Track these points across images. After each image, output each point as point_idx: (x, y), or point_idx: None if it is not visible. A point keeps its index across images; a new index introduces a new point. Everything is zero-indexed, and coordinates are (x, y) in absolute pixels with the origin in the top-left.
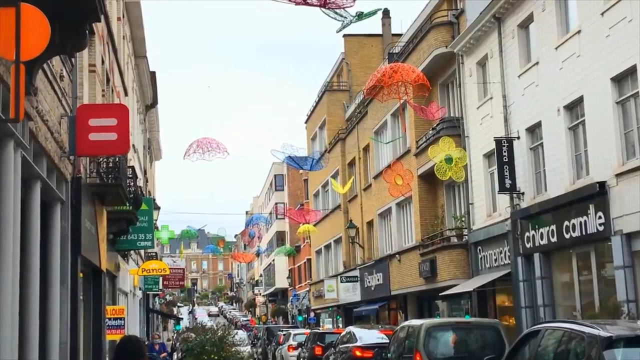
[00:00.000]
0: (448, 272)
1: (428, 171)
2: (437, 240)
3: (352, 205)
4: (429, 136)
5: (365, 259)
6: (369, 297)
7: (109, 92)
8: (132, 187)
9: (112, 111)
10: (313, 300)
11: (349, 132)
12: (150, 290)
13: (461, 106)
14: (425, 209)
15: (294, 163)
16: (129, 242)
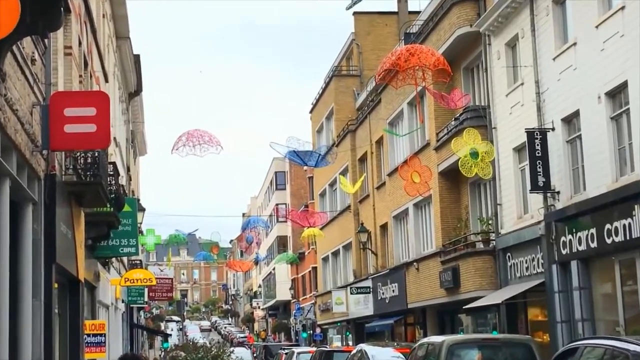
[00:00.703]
0: (473, 282)
1: (450, 167)
2: (460, 246)
3: (364, 206)
4: (451, 128)
5: (379, 267)
6: (382, 311)
7: (87, 78)
8: (114, 186)
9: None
10: (319, 315)
11: (360, 123)
12: (134, 303)
13: (488, 93)
14: (447, 211)
15: (297, 158)
16: (110, 249)
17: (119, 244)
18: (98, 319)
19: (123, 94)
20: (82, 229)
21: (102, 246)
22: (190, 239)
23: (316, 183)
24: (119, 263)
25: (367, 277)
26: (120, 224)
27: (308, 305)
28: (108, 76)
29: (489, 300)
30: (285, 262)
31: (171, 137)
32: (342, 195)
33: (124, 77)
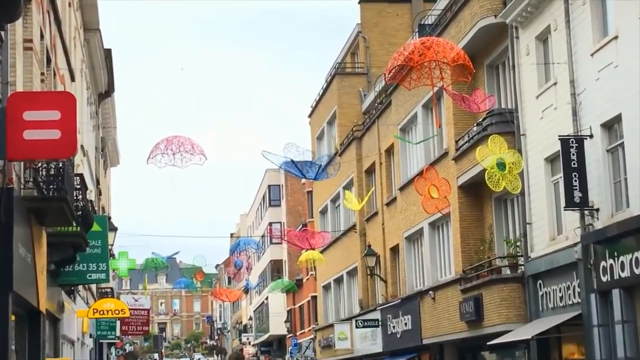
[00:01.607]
0: (498, 314)
1: (471, 180)
2: (483, 272)
3: (371, 225)
4: (473, 134)
5: (389, 296)
6: (393, 347)
7: (50, 77)
8: (81, 202)
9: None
10: (320, 352)
11: (367, 128)
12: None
13: (515, 95)
14: (468, 231)
15: (294, 169)
16: (77, 275)
17: (87, 269)
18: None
19: (92, 95)
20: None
21: (67, 272)
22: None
23: (316, 198)
24: (87, 291)
25: (375, 308)
26: (88, 245)
27: (306, 341)
28: (75, 74)
29: (517, 335)
30: (280, 290)
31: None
32: (347, 213)
33: (93, 76)
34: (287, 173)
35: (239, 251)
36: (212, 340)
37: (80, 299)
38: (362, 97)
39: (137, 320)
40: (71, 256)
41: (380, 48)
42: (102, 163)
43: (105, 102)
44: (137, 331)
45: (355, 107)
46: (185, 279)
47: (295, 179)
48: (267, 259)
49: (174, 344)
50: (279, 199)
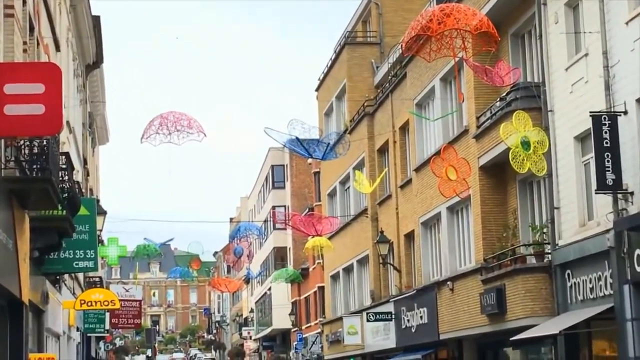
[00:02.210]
0: (523, 306)
1: (494, 161)
2: (506, 261)
3: (384, 209)
4: (496, 110)
5: (403, 287)
6: (408, 343)
7: (34, 46)
8: (67, 183)
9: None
10: (327, 347)
11: (380, 103)
12: (92, 332)
13: (542, 67)
14: (490, 216)
15: (300, 148)
16: (62, 262)
17: (74, 256)
18: (46, 352)
19: (79, 67)
20: (27, 238)
21: (51, 259)
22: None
23: (323, 180)
24: (73, 281)
25: (388, 299)
26: (74, 231)
27: (313, 335)
28: (60, 44)
29: (543, 330)
30: (284, 280)
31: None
32: (357, 196)
33: (80, 45)
34: (292, 152)
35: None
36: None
37: (66, 289)
38: (374, 69)
39: (128, 312)
40: (56, 242)
41: (395, 15)
42: (90, 141)
43: (93, 74)
44: (128, 324)
45: (366, 80)
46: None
47: (300, 158)
48: (270, 246)
49: (168, 339)
50: (283, 181)
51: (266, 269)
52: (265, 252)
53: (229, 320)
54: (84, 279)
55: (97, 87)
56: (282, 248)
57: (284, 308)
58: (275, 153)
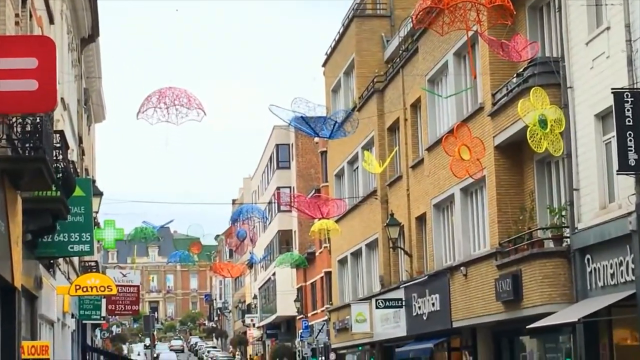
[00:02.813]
0: (540, 293)
1: (510, 140)
2: (523, 246)
3: (394, 191)
4: (512, 87)
5: (414, 272)
6: (419, 331)
7: (26, 18)
8: (61, 163)
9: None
10: (334, 335)
11: (390, 79)
12: (88, 319)
13: (561, 41)
14: (506, 198)
15: (306, 127)
16: (57, 246)
17: (68, 239)
18: (40, 340)
19: (74, 40)
20: (19, 220)
21: (45, 243)
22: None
23: (331, 160)
24: (68, 265)
25: (399, 285)
26: (69, 213)
27: (319, 323)
28: (54, 16)
29: (561, 317)
30: (289, 265)
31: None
32: (366, 177)
33: (75, 18)
34: (297, 131)
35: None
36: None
37: (60, 274)
38: (384, 43)
39: (125, 298)
40: (50, 225)
41: None
42: (86, 118)
43: (88, 48)
44: (125, 311)
45: (376, 54)
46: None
47: (306, 137)
48: (275, 229)
49: (168, 326)
50: (288, 161)
51: (270, 253)
52: (269, 236)
53: (231, 307)
54: (79, 263)
55: (93, 62)
56: (287, 231)
57: (288, 294)
58: (280, 132)
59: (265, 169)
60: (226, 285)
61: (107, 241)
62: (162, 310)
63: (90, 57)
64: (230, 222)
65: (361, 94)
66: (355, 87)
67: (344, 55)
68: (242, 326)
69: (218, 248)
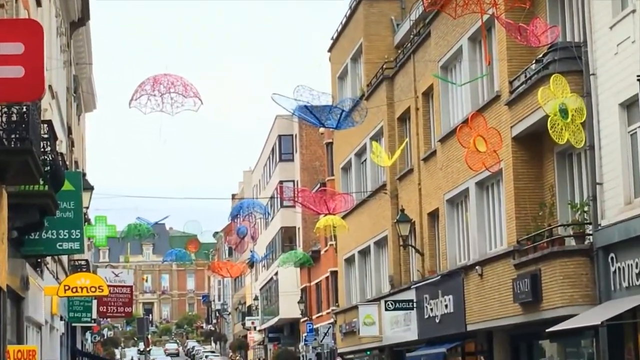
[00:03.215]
0: (561, 294)
1: (529, 130)
2: (542, 243)
3: (405, 185)
4: (531, 73)
5: (426, 272)
6: (431, 335)
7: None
8: (49, 155)
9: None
10: (341, 339)
11: (401, 66)
12: (77, 322)
13: (584, 25)
14: (524, 192)
15: (311, 116)
16: (44, 244)
17: (57, 237)
18: (27, 344)
19: (62, 24)
20: (5, 216)
21: (32, 240)
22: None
23: (337, 152)
24: (57, 264)
25: (410, 286)
26: (58, 208)
27: (324, 326)
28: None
29: (583, 320)
30: (293, 264)
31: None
32: (375, 170)
33: (64, 0)
34: (301, 121)
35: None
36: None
37: (48, 274)
38: (394, 27)
39: (117, 299)
40: (38, 221)
41: None
42: (75, 107)
43: (78, 32)
44: (117, 313)
45: (386, 39)
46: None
47: (311, 127)
48: (277, 225)
49: (163, 329)
50: (291, 153)
51: (272, 252)
52: (271, 233)
53: (230, 309)
54: (69, 262)
55: (83, 47)
56: (291, 228)
57: (292, 295)
58: (283, 122)
59: (267, 161)
60: (225, 285)
61: (99, 238)
62: (157, 313)
63: (80, 42)
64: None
65: (369, 81)
66: (363, 74)
67: (351, 39)
68: (242, 329)
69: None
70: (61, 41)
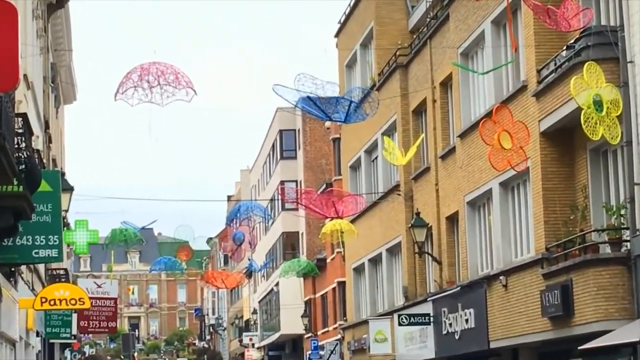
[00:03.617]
0: (594, 307)
1: (559, 124)
2: (574, 251)
3: (421, 185)
4: (562, 61)
5: (445, 283)
6: (450, 352)
7: None
8: (24, 152)
9: None
10: (349, 358)
11: (416, 53)
12: (56, 338)
13: (620, 7)
14: (554, 194)
15: (316, 109)
16: (19, 251)
17: (33, 243)
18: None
19: (39, 6)
20: None
21: (5, 247)
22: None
23: (345, 148)
24: (32, 274)
25: (426, 298)
26: (34, 211)
27: (331, 343)
28: None
29: (619, 336)
30: (296, 274)
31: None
32: (387, 169)
33: None
34: (305, 114)
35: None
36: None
37: (23, 284)
38: (408, 10)
39: (100, 313)
40: (11, 225)
41: None
42: (53, 99)
43: (56, 15)
44: (100, 328)
45: (399, 23)
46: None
47: (316, 121)
48: (278, 230)
49: (151, 346)
50: (294, 149)
51: (273, 260)
52: (271, 239)
53: (226, 324)
54: (46, 271)
55: (62, 32)
56: (293, 233)
57: (295, 309)
58: (284, 115)
59: (266, 159)
60: (220, 298)
61: (79, 245)
62: (144, 328)
63: (59, 27)
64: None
65: (381, 69)
66: (374, 62)
67: (361, 23)
68: (239, 346)
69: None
70: (37, 25)
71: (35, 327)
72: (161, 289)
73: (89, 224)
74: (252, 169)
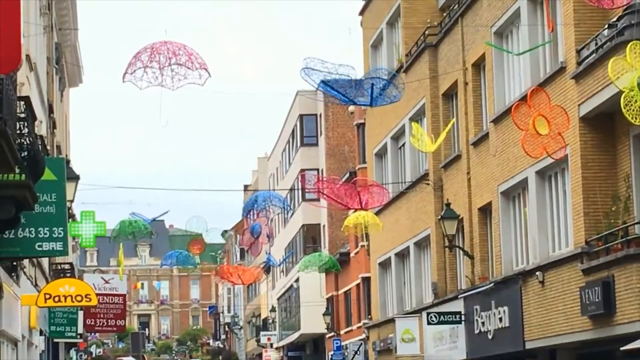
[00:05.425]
0: (638, 305)
1: (600, 109)
2: (616, 245)
3: (452, 174)
4: (603, 41)
5: (477, 279)
6: (483, 354)
7: None
8: (27, 138)
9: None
10: (374, 359)
11: (447, 32)
12: (60, 337)
13: None
14: (594, 184)
15: (338, 92)
16: (21, 244)
17: (36, 235)
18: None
19: None
20: None
21: (6, 240)
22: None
23: (370, 135)
24: (36, 269)
25: (457, 295)
26: (37, 202)
27: (355, 343)
28: None
29: None
30: (317, 269)
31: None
32: (415, 156)
33: None
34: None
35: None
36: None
37: (26, 280)
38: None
39: (108, 310)
40: (13, 217)
41: None
42: (58, 82)
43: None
44: (107, 327)
45: (428, 1)
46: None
47: (339, 106)
48: (298, 223)
49: (162, 346)
50: (315, 135)
51: (292, 254)
52: (291, 232)
53: (242, 323)
54: (50, 266)
55: (67, 9)
56: (314, 226)
57: (316, 306)
58: (305, 99)
59: (285, 146)
60: (236, 294)
61: (85, 238)
62: (155, 326)
63: (64, 4)
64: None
65: (409, 50)
66: (402, 42)
67: (387, 1)
68: (257, 347)
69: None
70: (40, 2)
71: (38, 326)
72: (173, 285)
73: (96, 216)
74: (270, 157)
